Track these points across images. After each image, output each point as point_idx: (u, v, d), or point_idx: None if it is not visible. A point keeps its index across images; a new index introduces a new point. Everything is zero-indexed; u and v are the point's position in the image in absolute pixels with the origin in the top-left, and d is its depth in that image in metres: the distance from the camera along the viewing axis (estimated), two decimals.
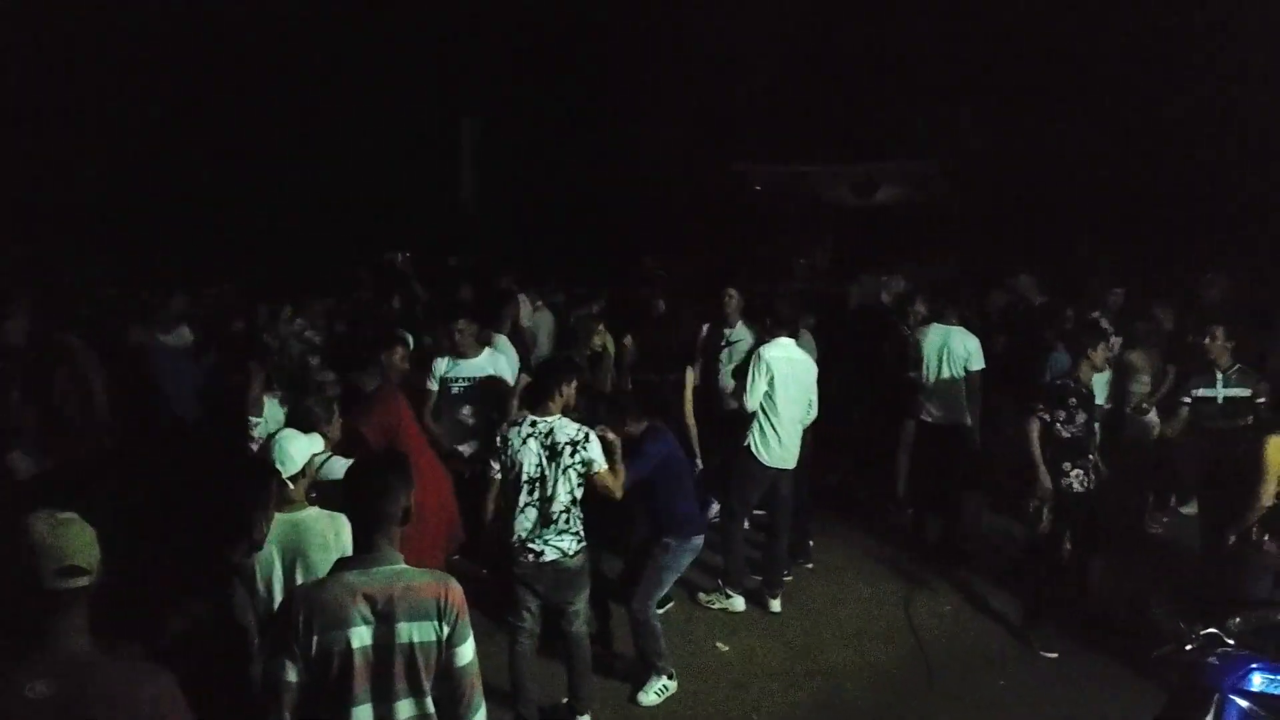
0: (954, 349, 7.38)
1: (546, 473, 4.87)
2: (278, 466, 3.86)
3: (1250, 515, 5.26)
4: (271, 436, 4.15)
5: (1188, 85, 11.38)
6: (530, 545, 4.90)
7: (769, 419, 6.49)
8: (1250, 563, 5.32)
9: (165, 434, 6.73)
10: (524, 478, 4.90)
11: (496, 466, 5.08)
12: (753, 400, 6.47)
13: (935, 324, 7.63)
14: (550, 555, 4.90)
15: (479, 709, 2.92)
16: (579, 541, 4.96)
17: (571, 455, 4.87)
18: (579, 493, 4.92)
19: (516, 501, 4.92)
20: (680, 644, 6.04)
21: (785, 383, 6.46)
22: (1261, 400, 6.52)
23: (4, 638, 2.27)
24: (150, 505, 4.56)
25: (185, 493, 4.52)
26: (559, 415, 4.97)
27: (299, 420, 4.56)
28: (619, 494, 5.05)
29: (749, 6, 14.64)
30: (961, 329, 7.46)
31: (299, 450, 3.97)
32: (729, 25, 14.51)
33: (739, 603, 6.71)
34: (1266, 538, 5.26)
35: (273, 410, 5.80)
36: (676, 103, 14.95)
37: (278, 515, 3.80)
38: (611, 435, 5.08)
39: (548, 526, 4.87)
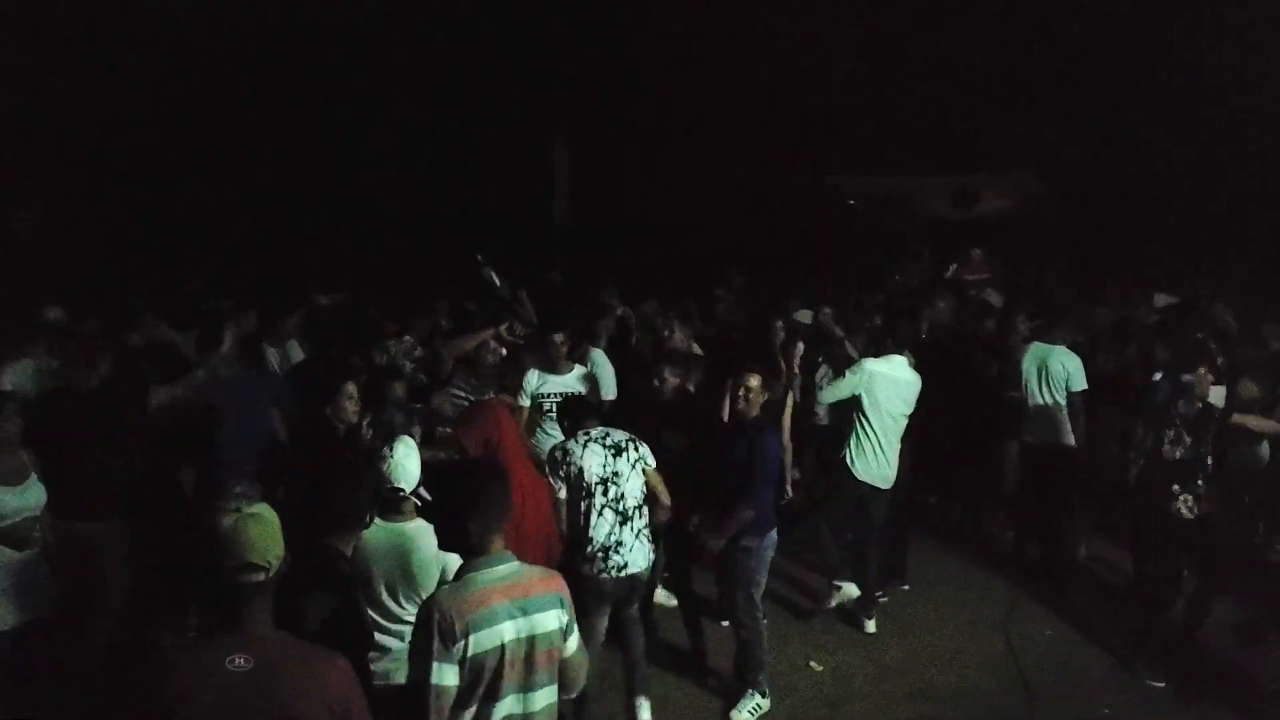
0: (1053, 369, 7.21)
1: (618, 469, 4.99)
2: (400, 485, 3.99)
3: None
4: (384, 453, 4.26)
5: None
6: (613, 555, 4.95)
7: (865, 433, 6.47)
8: None
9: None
10: (594, 480, 4.97)
11: (559, 485, 5.08)
12: (828, 395, 6.54)
13: (1036, 342, 7.48)
14: (633, 568, 4.98)
15: (580, 685, 3.23)
16: (654, 550, 5.07)
17: (635, 451, 5.06)
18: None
19: (589, 508, 4.98)
20: (775, 661, 6.04)
21: (888, 399, 6.43)
22: None
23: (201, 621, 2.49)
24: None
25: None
26: (602, 426, 5.17)
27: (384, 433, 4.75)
28: (666, 498, 5.15)
29: (839, 18, 14.56)
30: (1063, 348, 7.28)
31: (417, 466, 4.12)
32: (819, 36, 14.45)
33: (852, 589, 6.73)
34: None
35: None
36: (768, 115, 14.91)
37: (384, 523, 3.92)
38: None
39: (625, 525, 4.95)
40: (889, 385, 6.44)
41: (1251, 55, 11.03)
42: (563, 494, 5.06)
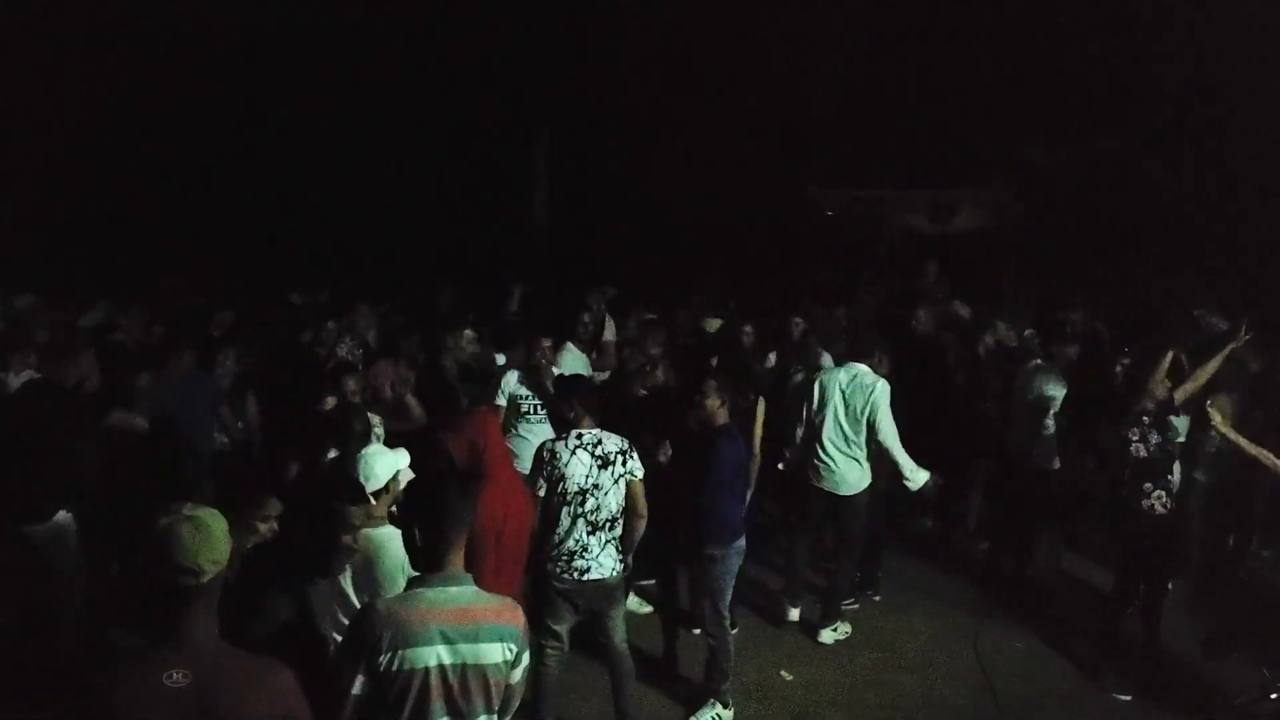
0: (1031, 386, 7.25)
1: (599, 482, 4.93)
2: (362, 481, 3.94)
3: None
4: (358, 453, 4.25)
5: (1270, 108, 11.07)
6: (577, 560, 4.93)
7: (817, 441, 6.52)
8: None
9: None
10: (574, 490, 4.93)
11: (541, 483, 5.04)
12: (804, 426, 6.52)
13: (1034, 360, 7.49)
14: (597, 574, 4.94)
15: (511, 712, 3.11)
16: (620, 561, 5.04)
17: (623, 465, 4.99)
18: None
19: (563, 514, 4.95)
20: (746, 670, 6.03)
21: (839, 406, 6.45)
22: None
23: (140, 629, 2.41)
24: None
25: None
26: (597, 428, 5.08)
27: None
28: (644, 510, 5.10)
29: (820, 29, 14.63)
30: (1044, 365, 7.30)
31: (383, 466, 4.06)
32: (800, 48, 14.51)
33: (793, 613, 6.76)
34: None
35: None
36: (748, 126, 14.95)
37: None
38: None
39: (594, 534, 4.92)
40: (838, 393, 6.47)
41: (1227, 66, 11.15)
42: (541, 493, 5.03)
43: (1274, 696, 4.08)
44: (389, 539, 3.85)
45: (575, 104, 15.29)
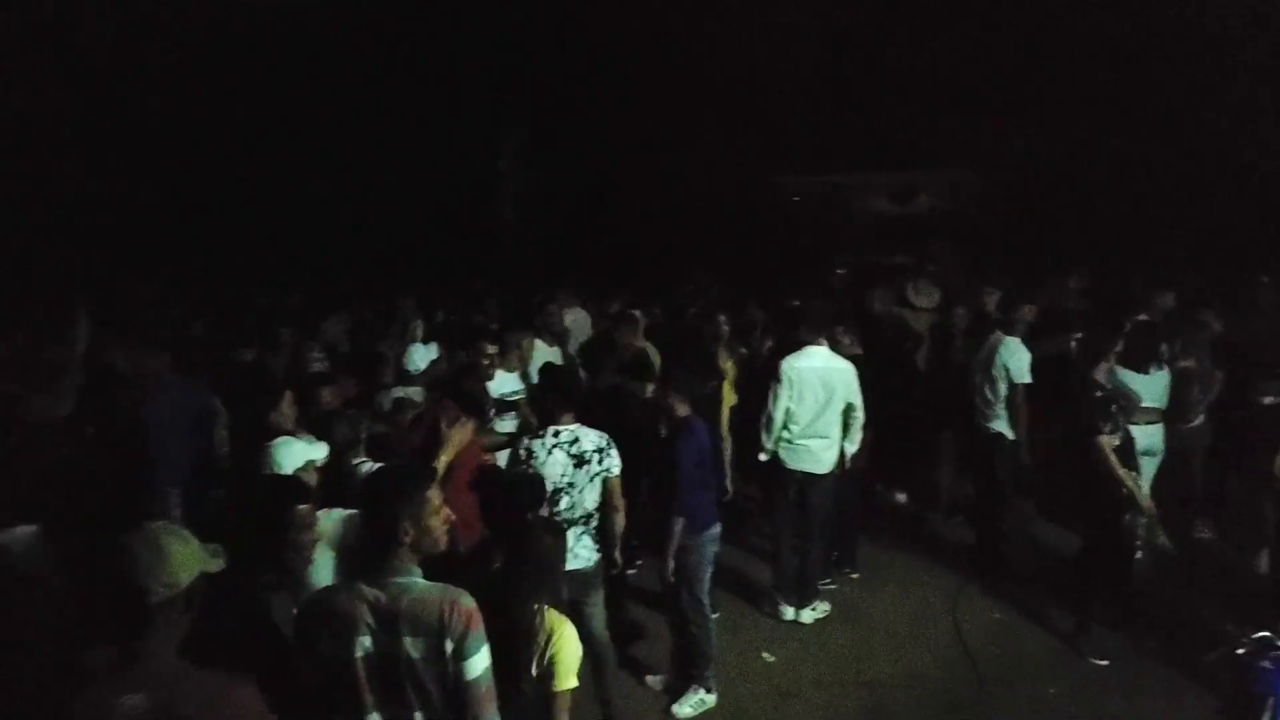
0: (999, 359, 7.33)
1: (574, 480, 4.94)
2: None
3: None
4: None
5: (1227, 83, 11.24)
6: None
7: (789, 426, 6.55)
8: None
9: None
10: (549, 490, 4.92)
11: None
12: (776, 414, 6.55)
13: (995, 333, 7.56)
14: (571, 565, 4.93)
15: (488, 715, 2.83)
16: (597, 550, 5.06)
17: (600, 462, 4.99)
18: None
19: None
20: (726, 652, 6.06)
21: (809, 390, 6.48)
22: None
23: (103, 648, 2.38)
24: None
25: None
26: (577, 424, 5.07)
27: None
28: (621, 504, 5.11)
29: (781, 18, 14.69)
30: (1015, 341, 7.35)
31: (288, 457, 4.19)
32: (762, 38, 14.57)
33: (788, 612, 6.75)
34: None
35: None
36: (715, 115, 15.01)
37: (338, 513, 3.88)
38: None
39: (569, 529, 4.92)
40: (808, 375, 6.50)
41: (1189, 48, 11.31)
42: None
43: (1240, 651, 4.16)
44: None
45: (543, 100, 15.27)
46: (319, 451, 4.43)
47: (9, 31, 11.07)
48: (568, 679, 3.25)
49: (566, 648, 3.27)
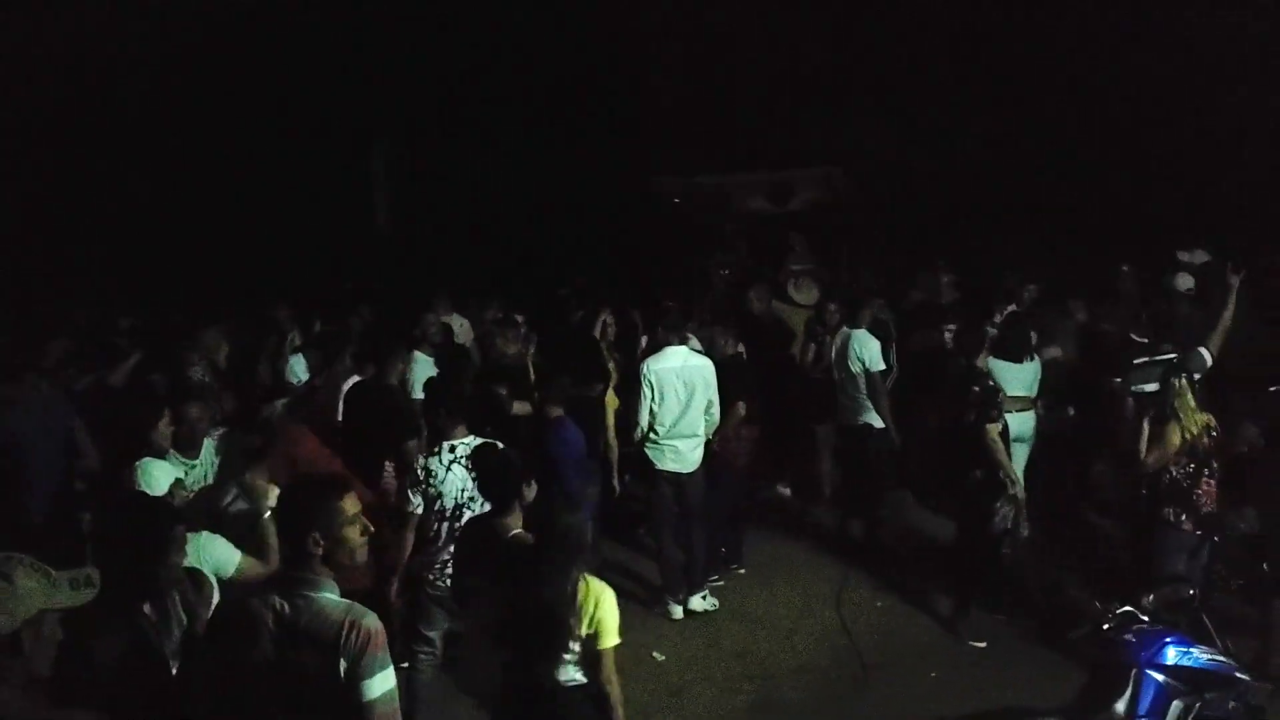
0: (852, 352, 7.50)
1: (474, 494, 4.83)
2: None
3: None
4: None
5: (1084, 76, 11.73)
6: (450, 569, 4.87)
7: (655, 428, 6.60)
8: (1166, 540, 5.51)
9: None
10: (450, 506, 4.89)
11: (416, 500, 4.93)
12: (642, 418, 6.60)
13: (842, 328, 7.77)
14: None
15: None
16: None
17: None
18: None
19: (440, 528, 4.91)
20: (617, 654, 6.01)
21: (669, 390, 6.54)
22: None
23: None
24: None
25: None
26: (470, 434, 5.02)
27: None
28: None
29: (654, 23, 14.80)
30: (863, 332, 7.54)
31: (163, 474, 4.32)
32: (636, 44, 14.65)
33: (676, 610, 6.75)
34: (1184, 516, 5.46)
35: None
36: (593, 119, 15.00)
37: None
38: None
39: None
40: (669, 376, 6.56)
41: (1048, 39, 11.76)
42: (418, 511, 4.91)
43: (1105, 626, 4.33)
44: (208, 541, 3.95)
45: (415, 107, 15.01)
46: (186, 470, 4.33)
47: None
48: (611, 637, 3.69)
49: (609, 610, 3.68)
